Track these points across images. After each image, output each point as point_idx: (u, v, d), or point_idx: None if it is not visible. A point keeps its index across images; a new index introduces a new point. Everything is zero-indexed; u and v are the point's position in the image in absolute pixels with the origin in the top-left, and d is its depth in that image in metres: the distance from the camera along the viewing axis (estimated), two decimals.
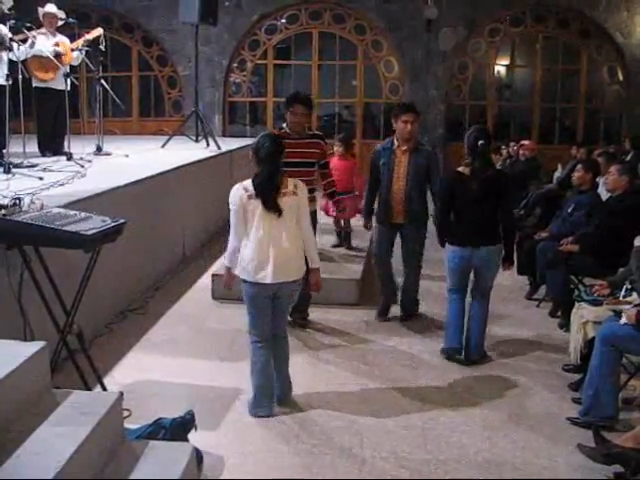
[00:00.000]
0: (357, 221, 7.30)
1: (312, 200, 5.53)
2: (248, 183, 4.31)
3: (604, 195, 6.84)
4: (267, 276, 4.25)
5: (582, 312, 4.93)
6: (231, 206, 4.32)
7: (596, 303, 4.89)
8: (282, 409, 4.52)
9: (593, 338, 4.57)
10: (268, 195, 4.23)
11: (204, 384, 4.87)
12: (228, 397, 4.67)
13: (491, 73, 14.43)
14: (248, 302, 4.42)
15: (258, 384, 4.42)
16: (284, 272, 4.30)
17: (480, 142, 5.19)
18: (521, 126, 14.68)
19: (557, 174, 11.26)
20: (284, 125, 5.78)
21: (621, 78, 13.94)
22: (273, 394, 4.49)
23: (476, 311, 5.42)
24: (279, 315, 4.51)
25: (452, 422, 4.40)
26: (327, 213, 7.64)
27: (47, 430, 3.09)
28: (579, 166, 6.98)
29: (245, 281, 4.35)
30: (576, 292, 5.87)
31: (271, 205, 4.23)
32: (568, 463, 3.98)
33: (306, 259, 4.50)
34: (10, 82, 7.15)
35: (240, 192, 4.29)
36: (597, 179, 7.13)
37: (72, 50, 8.66)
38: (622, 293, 4.71)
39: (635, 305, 4.47)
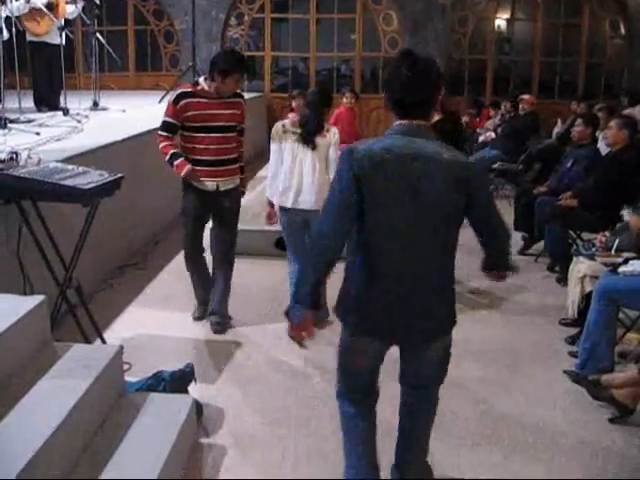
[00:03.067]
0: None
1: (232, 175, 4.90)
2: (286, 121, 5.04)
3: (603, 150, 6.81)
4: (288, 200, 4.84)
5: (580, 266, 4.94)
6: (272, 140, 4.99)
7: (594, 258, 4.91)
8: (283, 366, 4.56)
9: (590, 292, 4.60)
10: (312, 134, 4.82)
11: (203, 338, 4.90)
12: (227, 350, 4.70)
13: (491, 27, 14.24)
14: (284, 232, 5.07)
15: None
16: (303, 199, 4.82)
17: None
18: (521, 80, 14.54)
19: (556, 129, 11.20)
20: (202, 81, 4.71)
21: (623, 32, 13.75)
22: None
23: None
24: None
25: (449, 376, 4.43)
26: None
27: (48, 383, 3.12)
28: (579, 121, 6.94)
29: (280, 208, 4.97)
30: (574, 247, 5.89)
31: (309, 140, 4.82)
32: (565, 414, 4.03)
33: None
34: (6, 37, 7.06)
35: (278, 127, 4.95)
36: (597, 133, 7.10)
37: (67, 3, 8.53)
38: (614, 247, 4.71)
39: (626, 259, 4.50)
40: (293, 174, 4.84)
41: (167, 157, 4.69)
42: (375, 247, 2.69)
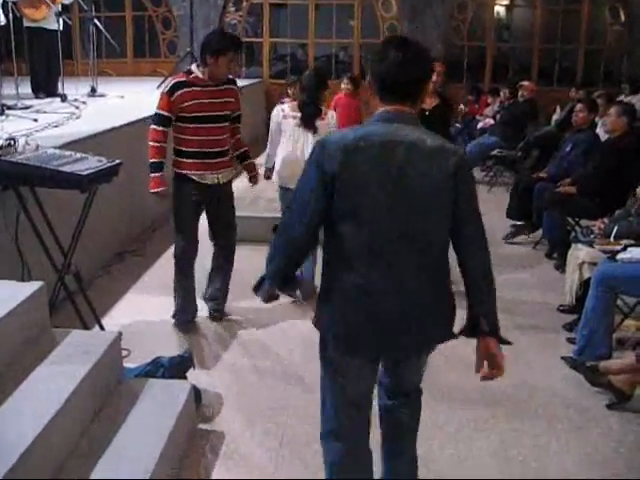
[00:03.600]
0: None
1: (229, 166, 4.75)
2: (285, 106, 5.31)
3: (602, 137, 6.81)
4: (290, 181, 4.79)
5: (578, 253, 4.94)
6: (271, 121, 5.35)
7: (592, 244, 4.91)
8: (281, 354, 4.57)
9: (589, 279, 4.60)
10: (312, 117, 5.08)
11: (201, 324, 4.91)
12: (225, 336, 4.71)
13: (491, 13, 14.18)
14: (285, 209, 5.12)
15: None
16: (295, 179, 4.66)
17: None
18: (520, 67, 14.50)
19: (555, 116, 11.18)
20: (194, 68, 4.53)
21: (623, 18, 13.70)
22: None
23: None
24: None
25: (446, 361, 4.45)
26: None
27: (46, 369, 3.12)
28: (581, 105, 6.92)
29: (281, 188, 5.28)
30: (573, 233, 5.90)
31: (310, 124, 5.07)
32: (563, 401, 4.04)
33: None
34: (3, 22, 7.02)
35: (278, 111, 5.28)
36: (596, 119, 7.09)
37: None
38: (613, 234, 4.71)
39: (625, 246, 4.50)
40: (294, 157, 5.03)
41: (150, 160, 4.47)
42: (351, 248, 2.39)
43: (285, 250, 2.51)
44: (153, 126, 4.49)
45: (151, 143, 4.48)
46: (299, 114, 5.12)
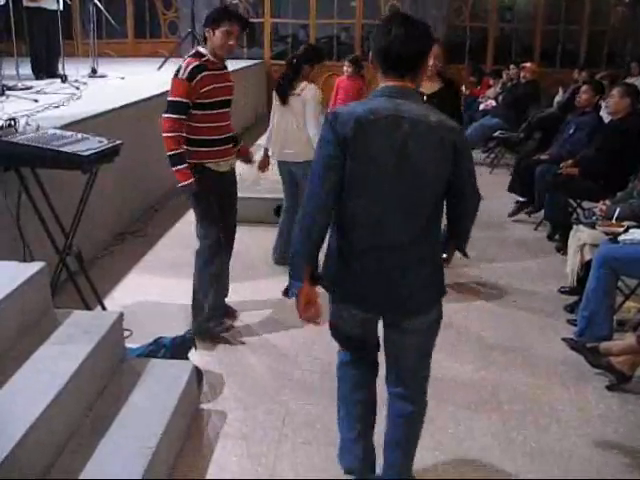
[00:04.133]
0: None
1: (230, 155, 4.50)
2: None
3: (605, 118, 6.78)
4: (275, 153, 5.44)
5: (580, 235, 4.94)
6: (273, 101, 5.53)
7: (594, 226, 4.90)
8: (284, 333, 4.59)
9: (590, 261, 4.60)
10: (283, 93, 5.27)
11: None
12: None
13: None
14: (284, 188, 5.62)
15: None
16: (284, 153, 5.34)
17: None
18: (523, 49, 14.42)
19: (558, 98, 11.13)
20: (203, 50, 4.24)
21: None
22: None
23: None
24: None
25: (448, 347, 4.47)
26: None
27: (49, 349, 3.13)
28: (585, 87, 6.89)
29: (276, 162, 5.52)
30: (574, 215, 5.89)
31: (282, 98, 5.27)
32: (563, 382, 4.06)
33: None
34: (2, 2, 6.98)
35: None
36: (600, 101, 7.06)
37: None
38: (615, 216, 4.70)
39: (627, 228, 4.50)
40: (278, 130, 5.37)
41: (170, 153, 4.12)
42: (358, 220, 2.59)
43: (312, 222, 2.58)
44: (170, 115, 4.13)
45: (169, 134, 4.12)
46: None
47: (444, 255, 3.00)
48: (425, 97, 4.62)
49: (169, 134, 4.12)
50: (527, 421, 3.66)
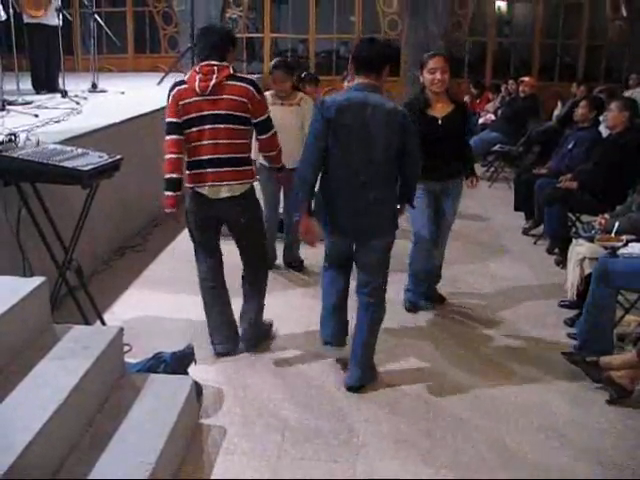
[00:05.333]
0: None
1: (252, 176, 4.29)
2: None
3: (604, 132, 6.79)
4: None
5: (579, 249, 4.94)
6: None
7: (593, 240, 4.90)
8: (282, 347, 4.58)
9: (590, 274, 4.60)
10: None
11: (203, 319, 4.87)
12: None
13: (492, 9, 14.16)
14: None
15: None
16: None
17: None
18: (521, 63, 14.49)
19: (556, 112, 11.17)
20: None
21: (625, 13, 13.68)
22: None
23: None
24: None
25: (447, 358, 4.46)
26: None
27: (48, 364, 3.13)
28: (583, 102, 6.92)
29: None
30: (574, 229, 5.89)
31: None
32: (563, 396, 4.05)
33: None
34: (4, 18, 7.02)
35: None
36: (600, 117, 7.07)
37: None
38: (614, 229, 4.71)
39: (626, 242, 4.50)
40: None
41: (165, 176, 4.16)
42: (337, 173, 3.85)
43: (307, 176, 3.85)
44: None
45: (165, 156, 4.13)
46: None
47: (398, 206, 4.14)
48: (440, 121, 4.76)
49: (165, 155, 4.12)
50: (526, 435, 3.65)
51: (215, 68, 3.99)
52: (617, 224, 4.71)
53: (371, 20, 14.09)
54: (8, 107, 6.69)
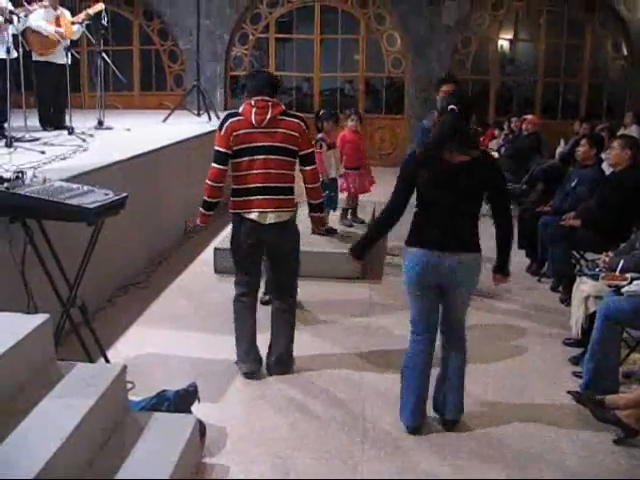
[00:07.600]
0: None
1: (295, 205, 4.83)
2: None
3: (607, 170, 6.81)
4: None
5: (583, 287, 4.93)
6: None
7: (597, 278, 4.90)
8: (283, 383, 4.56)
9: (594, 312, 4.59)
10: None
11: (206, 357, 4.89)
12: (230, 370, 4.68)
13: (494, 48, 14.32)
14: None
15: None
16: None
17: (451, 107, 3.80)
18: (524, 101, 14.61)
19: (559, 149, 11.22)
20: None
21: (625, 52, 13.83)
22: None
23: (453, 364, 4.06)
24: None
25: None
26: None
27: (52, 402, 3.12)
28: (584, 141, 6.93)
29: None
30: (578, 267, 5.88)
31: None
32: (569, 436, 4.01)
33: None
34: (14, 56, 7.11)
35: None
36: (602, 155, 7.10)
37: (72, 24, 8.60)
38: (619, 268, 4.70)
39: (631, 280, 4.50)
40: None
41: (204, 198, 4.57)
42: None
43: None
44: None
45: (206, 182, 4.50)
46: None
47: None
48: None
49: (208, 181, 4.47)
50: (532, 474, 3.62)
51: (269, 103, 4.34)
52: (621, 262, 4.71)
53: (375, 58, 14.25)
54: (15, 144, 6.74)
